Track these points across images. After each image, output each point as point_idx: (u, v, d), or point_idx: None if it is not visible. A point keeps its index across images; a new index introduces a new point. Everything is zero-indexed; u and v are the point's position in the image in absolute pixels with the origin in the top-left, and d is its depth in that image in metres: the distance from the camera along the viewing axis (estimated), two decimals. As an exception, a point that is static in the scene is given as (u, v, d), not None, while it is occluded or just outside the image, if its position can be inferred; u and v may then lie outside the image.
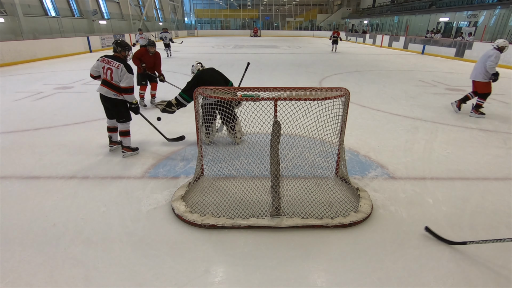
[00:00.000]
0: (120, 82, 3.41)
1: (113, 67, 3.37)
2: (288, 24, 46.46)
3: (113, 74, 3.37)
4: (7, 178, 3.17)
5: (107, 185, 3.05)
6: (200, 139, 2.99)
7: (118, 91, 3.43)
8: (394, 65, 12.57)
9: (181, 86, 5.60)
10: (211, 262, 2.08)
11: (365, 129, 4.70)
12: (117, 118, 3.59)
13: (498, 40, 5.51)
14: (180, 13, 42.14)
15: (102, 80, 3.45)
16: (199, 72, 3.90)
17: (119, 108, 3.53)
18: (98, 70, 3.45)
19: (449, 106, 6.07)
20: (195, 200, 2.72)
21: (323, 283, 1.92)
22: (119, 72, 3.37)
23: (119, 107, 3.53)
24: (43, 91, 7.18)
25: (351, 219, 2.44)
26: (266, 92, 2.56)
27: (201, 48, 20.91)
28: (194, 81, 3.78)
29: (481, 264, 2.07)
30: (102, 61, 3.43)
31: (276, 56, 15.69)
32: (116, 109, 3.53)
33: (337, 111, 2.71)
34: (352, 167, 3.44)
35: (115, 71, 3.37)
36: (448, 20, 21.75)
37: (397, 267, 2.04)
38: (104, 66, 3.40)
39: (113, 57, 3.45)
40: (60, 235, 2.31)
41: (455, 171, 3.39)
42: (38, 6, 16.67)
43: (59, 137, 4.31)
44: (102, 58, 3.44)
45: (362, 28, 33.93)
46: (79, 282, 1.90)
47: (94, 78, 3.54)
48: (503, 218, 2.57)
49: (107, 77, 3.39)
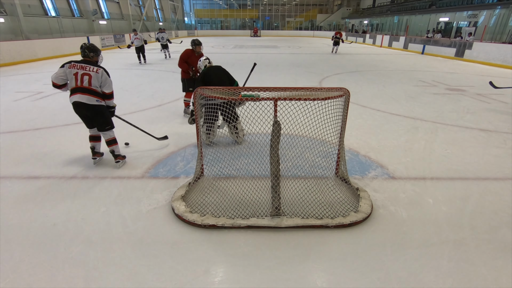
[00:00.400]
0: (102, 88, 3.19)
1: (91, 72, 3.09)
2: (288, 24, 46.44)
3: (92, 79, 3.09)
4: (7, 178, 3.17)
5: (107, 185, 3.05)
6: (200, 139, 2.99)
7: (101, 96, 3.19)
8: (394, 65, 12.57)
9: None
10: (211, 262, 2.08)
11: (365, 129, 4.70)
12: (102, 127, 3.31)
13: None
14: (180, 13, 42.13)
15: (75, 88, 3.09)
16: (206, 69, 3.88)
17: (104, 115, 3.27)
18: (65, 78, 3.10)
19: (449, 106, 6.07)
20: (195, 200, 2.72)
21: (323, 283, 1.92)
22: (100, 77, 3.13)
23: (104, 113, 3.27)
24: (43, 91, 7.18)
25: (351, 219, 2.44)
26: (266, 92, 2.56)
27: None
28: (200, 78, 3.78)
29: (481, 264, 2.07)
30: (71, 67, 3.08)
31: (276, 56, 15.68)
32: (100, 117, 3.25)
33: (337, 111, 2.71)
34: (352, 167, 3.44)
35: (94, 76, 3.10)
36: (448, 20, 21.75)
37: (397, 267, 2.04)
38: (77, 72, 3.07)
39: (85, 62, 3.14)
40: (60, 235, 2.31)
41: (455, 171, 3.39)
42: (38, 6, 16.66)
43: (59, 137, 4.31)
44: (71, 64, 3.10)
45: (362, 28, 33.93)
46: (79, 282, 1.90)
47: (57, 87, 3.15)
48: (503, 218, 2.57)
49: (83, 84, 3.07)
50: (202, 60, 4.09)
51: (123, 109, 5.73)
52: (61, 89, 3.21)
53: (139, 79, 8.99)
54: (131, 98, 6.64)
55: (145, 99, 6.54)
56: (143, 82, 8.44)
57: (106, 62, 12.59)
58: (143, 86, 7.94)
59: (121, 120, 3.85)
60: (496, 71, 11.21)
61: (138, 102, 6.26)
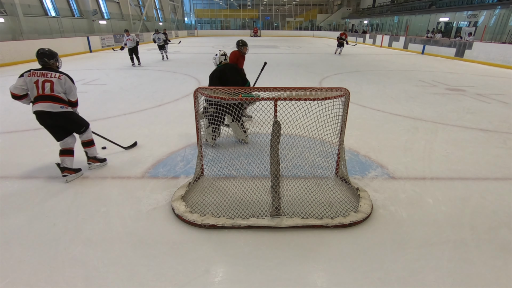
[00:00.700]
0: (67, 96, 3.04)
1: (53, 78, 2.94)
2: (288, 24, 46.45)
3: (54, 86, 2.93)
4: (7, 178, 3.17)
5: (107, 185, 3.05)
6: (200, 139, 2.98)
7: (65, 103, 3.02)
8: (394, 65, 12.57)
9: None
10: (211, 262, 2.08)
11: (365, 129, 4.70)
12: (78, 130, 3.18)
13: None
14: (180, 13, 42.13)
15: (37, 97, 2.92)
16: (222, 67, 3.78)
17: (73, 119, 3.12)
18: (25, 88, 2.93)
19: (449, 106, 6.07)
20: (195, 200, 2.72)
21: (323, 283, 1.92)
22: (63, 83, 2.98)
23: (72, 117, 3.10)
24: (43, 91, 7.17)
25: (351, 219, 2.44)
26: (266, 92, 2.56)
27: (201, 48, 20.91)
28: (217, 76, 3.69)
29: (481, 264, 2.07)
30: (31, 75, 2.93)
31: (276, 56, 15.69)
32: (69, 122, 3.09)
33: (337, 111, 2.71)
34: (352, 167, 3.44)
35: (57, 82, 2.94)
36: (448, 20, 21.75)
37: (397, 267, 2.04)
38: (38, 80, 2.91)
39: (45, 69, 2.99)
40: (60, 235, 2.31)
41: (455, 171, 3.39)
42: (38, 6, 16.66)
43: (59, 137, 4.30)
44: (31, 72, 2.94)
45: (362, 28, 33.93)
46: (79, 282, 1.90)
47: (17, 99, 2.96)
48: (503, 218, 2.57)
49: (45, 91, 2.90)
50: (218, 55, 3.90)
51: (123, 109, 5.73)
52: (21, 100, 2.99)
53: (139, 79, 8.99)
54: (131, 98, 6.64)
55: (145, 99, 6.54)
56: (143, 82, 8.43)
57: (106, 62, 12.61)
58: (143, 86, 7.94)
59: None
60: (496, 71, 11.21)
61: (138, 102, 6.26)
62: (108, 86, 7.94)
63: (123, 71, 10.49)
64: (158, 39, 13.26)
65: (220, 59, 3.90)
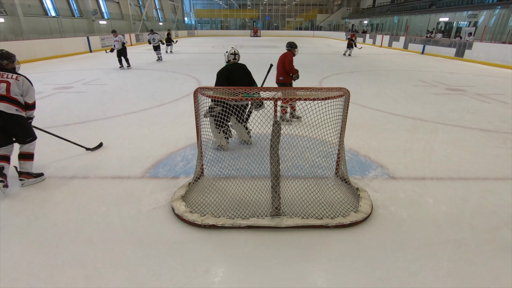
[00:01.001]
0: (24, 97, 2.95)
1: (10, 79, 2.85)
2: (288, 24, 46.45)
3: (11, 87, 2.84)
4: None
5: (107, 185, 3.05)
6: (200, 138, 2.98)
7: (20, 106, 2.91)
8: (394, 65, 12.57)
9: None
10: (211, 262, 2.08)
11: (365, 129, 4.70)
12: (23, 139, 3.02)
13: None
14: (180, 13, 42.12)
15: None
16: (230, 66, 3.66)
17: (24, 125, 2.99)
18: None
19: (449, 106, 6.07)
20: (195, 200, 2.72)
21: (323, 283, 1.92)
22: (21, 84, 2.90)
23: (24, 124, 2.98)
24: (43, 91, 7.18)
25: (351, 219, 2.44)
26: (266, 92, 2.56)
27: (201, 48, 20.91)
28: (225, 75, 3.57)
29: (481, 264, 2.07)
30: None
31: (276, 56, 15.58)
32: (20, 128, 2.97)
33: (337, 111, 2.71)
34: (352, 167, 3.44)
35: (14, 83, 2.86)
36: (448, 20, 21.75)
37: (397, 267, 2.04)
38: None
39: (1, 70, 2.89)
40: (60, 235, 2.31)
41: (455, 171, 3.39)
42: (38, 6, 16.66)
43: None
44: None
45: (362, 28, 33.92)
46: (79, 282, 1.90)
47: None
48: (503, 218, 2.57)
49: (0, 92, 2.81)
50: (228, 53, 3.74)
51: (123, 109, 5.73)
52: None
53: (139, 79, 8.99)
54: (131, 98, 6.64)
55: (145, 99, 6.54)
56: (143, 82, 8.43)
57: (106, 62, 12.60)
58: (143, 86, 7.94)
59: (41, 131, 3.58)
60: (496, 71, 11.21)
61: (138, 102, 6.26)
62: (108, 86, 7.94)
63: (123, 71, 10.49)
64: (153, 40, 12.98)
65: (229, 58, 3.75)
